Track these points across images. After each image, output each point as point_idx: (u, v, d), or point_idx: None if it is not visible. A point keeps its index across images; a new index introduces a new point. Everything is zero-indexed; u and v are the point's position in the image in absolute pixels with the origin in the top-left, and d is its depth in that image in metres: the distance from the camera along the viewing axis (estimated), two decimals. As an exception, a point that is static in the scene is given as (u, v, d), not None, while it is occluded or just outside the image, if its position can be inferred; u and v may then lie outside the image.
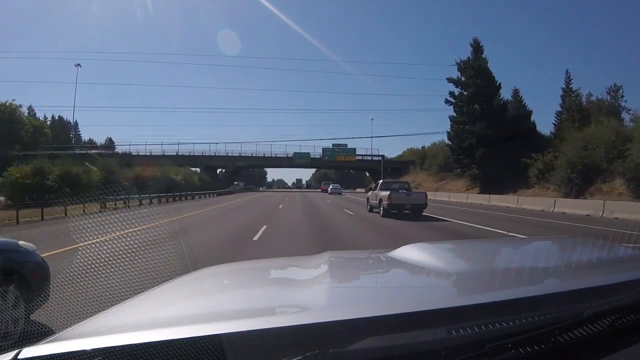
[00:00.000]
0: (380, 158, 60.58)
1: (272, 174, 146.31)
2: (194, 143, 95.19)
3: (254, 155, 63.16)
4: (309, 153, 61.30)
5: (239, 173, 73.36)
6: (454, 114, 39.83)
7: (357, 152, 60.92)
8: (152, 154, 55.76)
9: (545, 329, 0.76)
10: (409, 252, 1.43)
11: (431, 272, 1.26)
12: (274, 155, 63.92)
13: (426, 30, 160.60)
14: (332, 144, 61.10)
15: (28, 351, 0.70)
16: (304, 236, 9.89)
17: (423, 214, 14.85)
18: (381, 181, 18.24)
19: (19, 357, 0.69)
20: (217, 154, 61.30)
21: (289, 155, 61.55)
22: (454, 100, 39.99)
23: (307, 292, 1.09)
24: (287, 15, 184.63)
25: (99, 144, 68.33)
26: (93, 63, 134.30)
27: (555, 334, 0.76)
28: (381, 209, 15.12)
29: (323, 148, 60.85)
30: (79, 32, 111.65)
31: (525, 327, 0.76)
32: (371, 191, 18.05)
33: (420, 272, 1.31)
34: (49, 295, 2.96)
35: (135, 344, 0.68)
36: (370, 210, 16.98)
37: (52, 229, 10.15)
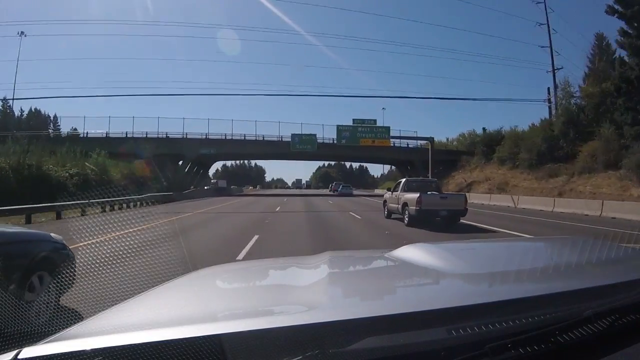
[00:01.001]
0: (419, 144, 39.15)
1: (272, 171, 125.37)
2: (133, 117, 56.69)
3: (228, 137, 38.48)
4: (314, 135, 37.37)
5: (208, 164, 49.14)
6: (621, 38, 19.89)
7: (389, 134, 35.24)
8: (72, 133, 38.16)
9: (545, 329, 0.76)
10: (409, 252, 1.42)
11: (431, 272, 1.25)
12: (259, 138, 39.17)
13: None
14: (353, 120, 35.59)
15: (28, 351, 0.70)
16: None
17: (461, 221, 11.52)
18: (404, 180, 13.86)
19: (19, 357, 0.69)
20: (169, 136, 37.37)
21: (283, 139, 37.98)
22: (623, 10, 19.99)
23: (307, 292, 1.07)
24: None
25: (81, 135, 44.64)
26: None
27: (555, 334, 0.76)
28: (406, 215, 11.51)
29: (338, 126, 35.23)
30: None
31: (525, 327, 0.76)
32: (389, 193, 14.28)
33: (420, 272, 1.30)
34: (74, 281, 3.10)
35: (135, 344, 0.68)
36: (389, 217, 13.68)
37: None
